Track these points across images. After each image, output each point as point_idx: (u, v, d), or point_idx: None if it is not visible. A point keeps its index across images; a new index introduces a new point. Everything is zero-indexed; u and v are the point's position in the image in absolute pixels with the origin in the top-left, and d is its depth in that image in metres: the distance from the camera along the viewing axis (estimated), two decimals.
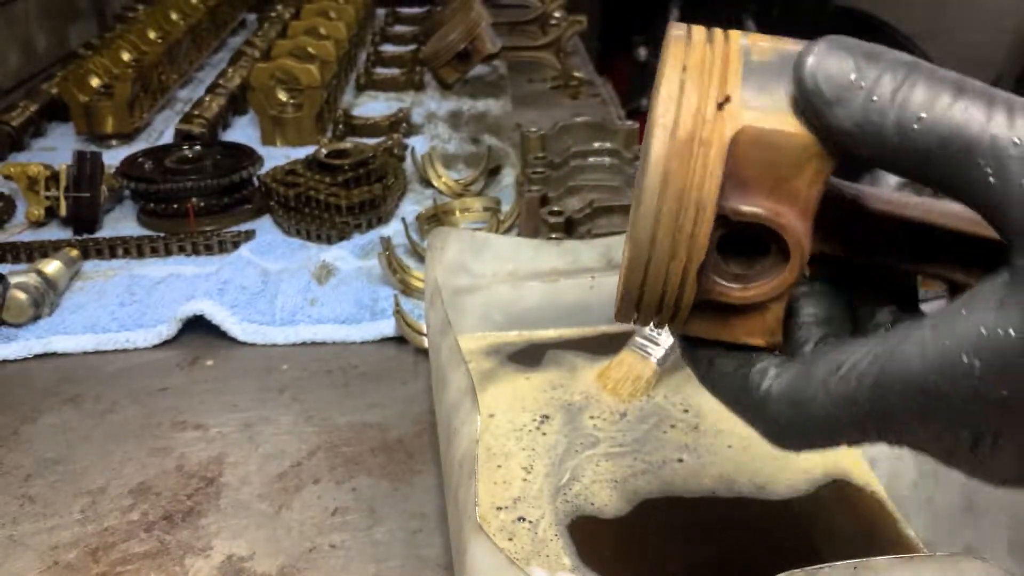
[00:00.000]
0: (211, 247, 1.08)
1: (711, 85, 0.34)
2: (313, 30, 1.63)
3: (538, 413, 0.72)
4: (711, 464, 0.67)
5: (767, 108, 0.33)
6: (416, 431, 0.78)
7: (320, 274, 1.00)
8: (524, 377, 0.76)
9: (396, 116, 1.46)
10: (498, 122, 1.46)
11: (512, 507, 0.62)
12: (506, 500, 0.63)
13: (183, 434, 0.79)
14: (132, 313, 0.94)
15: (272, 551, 0.66)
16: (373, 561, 0.65)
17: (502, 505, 0.63)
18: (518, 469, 0.66)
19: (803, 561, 0.56)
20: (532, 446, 0.68)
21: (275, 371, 0.88)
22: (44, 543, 0.67)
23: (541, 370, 0.77)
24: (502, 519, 0.61)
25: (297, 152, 1.34)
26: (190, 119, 1.40)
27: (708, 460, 0.67)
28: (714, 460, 0.67)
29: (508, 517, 0.62)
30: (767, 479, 0.65)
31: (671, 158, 0.33)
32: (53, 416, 0.81)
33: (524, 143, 1.10)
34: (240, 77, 1.57)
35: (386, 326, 0.92)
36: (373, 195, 1.11)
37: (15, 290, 0.91)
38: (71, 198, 1.13)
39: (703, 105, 0.33)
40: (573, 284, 0.81)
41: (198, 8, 1.83)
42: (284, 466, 0.75)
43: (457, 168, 1.30)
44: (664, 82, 0.34)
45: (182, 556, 0.65)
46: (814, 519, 0.62)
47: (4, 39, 1.69)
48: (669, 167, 0.33)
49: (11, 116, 1.42)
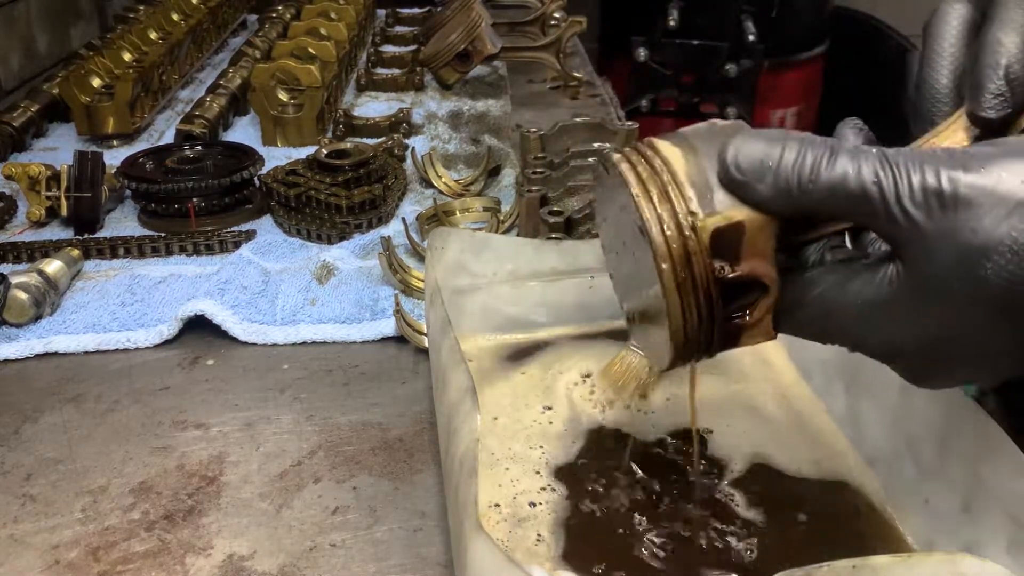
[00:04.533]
0: (212, 247, 1.09)
1: (676, 202, 0.48)
2: (314, 31, 1.63)
3: (539, 407, 0.72)
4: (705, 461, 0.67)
5: (721, 207, 0.48)
6: (416, 430, 0.78)
7: (321, 274, 1.00)
8: (524, 376, 0.76)
9: (396, 116, 1.46)
10: (498, 122, 1.46)
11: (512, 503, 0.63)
12: (506, 499, 0.63)
13: (184, 433, 0.79)
14: (133, 313, 0.95)
15: (273, 550, 0.66)
16: (374, 560, 0.65)
17: (502, 504, 0.63)
18: (523, 466, 0.66)
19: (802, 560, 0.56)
20: (539, 443, 0.68)
21: (276, 371, 0.88)
22: (45, 542, 0.67)
23: (541, 369, 0.77)
24: (504, 513, 0.62)
25: (298, 152, 1.35)
26: (191, 119, 1.40)
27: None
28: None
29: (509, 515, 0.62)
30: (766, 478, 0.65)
31: (679, 269, 0.48)
32: (54, 415, 0.82)
33: (524, 143, 1.11)
34: (241, 77, 1.57)
35: (386, 326, 0.92)
36: (373, 195, 1.11)
37: (16, 290, 0.92)
38: (72, 198, 1.13)
39: (682, 223, 0.48)
40: (573, 284, 0.81)
41: (199, 9, 1.83)
42: (285, 465, 0.75)
43: (457, 168, 1.30)
44: (644, 209, 0.49)
45: (183, 555, 0.65)
46: (813, 518, 0.62)
47: (5, 39, 1.69)
48: (679, 276, 0.48)
49: (12, 116, 1.43)
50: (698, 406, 0.64)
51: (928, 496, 0.59)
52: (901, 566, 0.42)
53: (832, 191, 0.44)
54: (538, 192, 0.98)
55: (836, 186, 0.44)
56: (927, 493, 0.59)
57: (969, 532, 0.55)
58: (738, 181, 0.47)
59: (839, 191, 0.44)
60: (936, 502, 0.58)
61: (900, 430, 0.62)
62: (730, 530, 0.61)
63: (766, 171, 0.46)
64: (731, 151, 0.47)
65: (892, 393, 0.63)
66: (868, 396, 0.66)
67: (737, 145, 0.47)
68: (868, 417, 0.67)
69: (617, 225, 0.55)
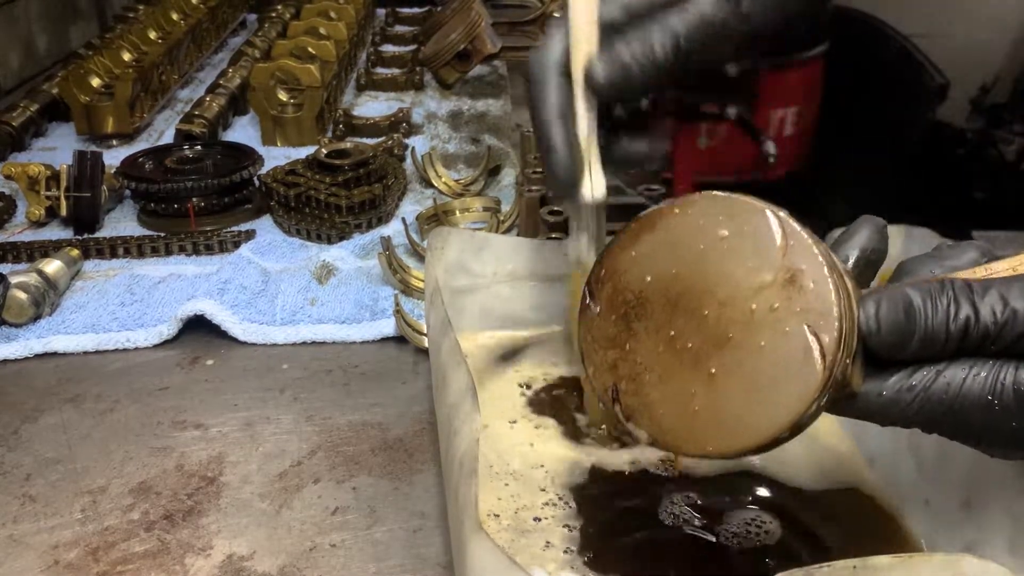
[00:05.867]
0: (211, 247, 1.09)
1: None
2: (313, 30, 1.63)
3: (536, 411, 0.72)
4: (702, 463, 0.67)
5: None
6: (416, 431, 0.78)
7: (320, 274, 1.00)
8: (523, 375, 0.76)
9: (396, 116, 1.46)
10: (498, 122, 1.46)
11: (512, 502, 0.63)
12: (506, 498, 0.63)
13: (184, 433, 0.79)
14: (132, 313, 0.94)
15: (272, 550, 0.66)
16: (373, 560, 0.65)
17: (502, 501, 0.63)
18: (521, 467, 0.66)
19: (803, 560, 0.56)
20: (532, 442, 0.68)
21: (275, 371, 0.88)
22: (45, 542, 0.67)
23: (541, 369, 0.77)
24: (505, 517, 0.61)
25: (297, 152, 1.34)
26: (190, 119, 1.40)
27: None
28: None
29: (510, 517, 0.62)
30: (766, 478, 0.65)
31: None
32: (54, 416, 0.81)
33: (524, 143, 1.10)
34: (240, 77, 1.57)
35: (386, 326, 0.92)
36: (373, 195, 1.11)
37: (16, 290, 0.92)
38: (72, 198, 1.13)
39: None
40: None
41: (198, 8, 1.83)
42: (284, 465, 0.75)
43: (457, 168, 1.30)
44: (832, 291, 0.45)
45: (182, 555, 0.65)
46: (814, 518, 0.62)
47: (5, 39, 1.69)
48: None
49: (12, 116, 1.43)
50: None
51: (928, 496, 0.59)
52: (902, 567, 0.42)
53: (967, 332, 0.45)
54: (538, 192, 0.97)
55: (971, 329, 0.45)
56: (927, 493, 0.59)
57: (969, 532, 0.55)
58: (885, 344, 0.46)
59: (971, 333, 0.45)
60: (936, 502, 0.58)
61: (900, 430, 0.62)
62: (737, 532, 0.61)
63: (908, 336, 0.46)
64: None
65: None
66: None
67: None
68: None
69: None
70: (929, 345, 0.45)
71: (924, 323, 0.45)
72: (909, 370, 0.46)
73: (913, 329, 0.45)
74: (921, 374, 0.46)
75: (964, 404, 0.45)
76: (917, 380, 0.46)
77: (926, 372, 0.46)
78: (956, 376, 0.45)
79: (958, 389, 0.45)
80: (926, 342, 0.45)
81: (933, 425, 0.47)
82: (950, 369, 0.46)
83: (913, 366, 0.46)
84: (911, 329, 0.45)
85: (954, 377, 0.46)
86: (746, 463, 0.66)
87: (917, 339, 0.45)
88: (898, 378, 0.46)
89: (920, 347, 0.45)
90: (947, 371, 0.46)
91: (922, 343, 0.45)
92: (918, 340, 0.45)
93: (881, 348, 0.46)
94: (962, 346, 0.45)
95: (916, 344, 0.45)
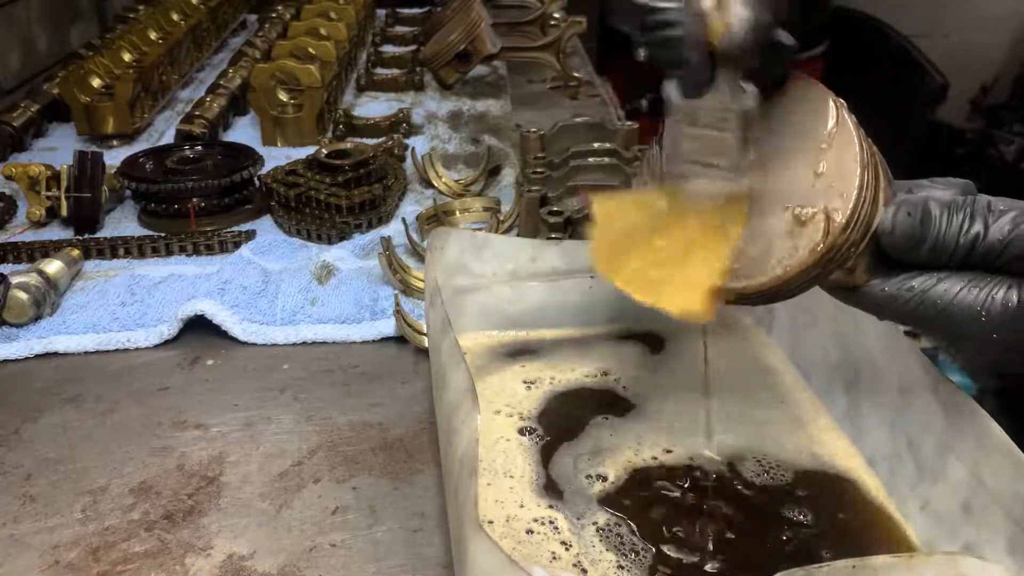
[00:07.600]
0: (212, 247, 1.09)
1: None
2: (313, 31, 1.63)
3: (535, 411, 0.72)
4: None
5: None
6: (416, 430, 0.78)
7: (320, 274, 1.00)
8: (523, 375, 0.76)
9: (396, 116, 1.46)
10: (498, 122, 1.46)
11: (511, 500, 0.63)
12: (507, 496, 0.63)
13: (184, 433, 0.79)
14: (133, 313, 0.95)
15: (273, 550, 0.66)
16: (373, 560, 0.65)
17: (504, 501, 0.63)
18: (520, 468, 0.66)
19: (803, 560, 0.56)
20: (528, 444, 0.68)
21: (276, 371, 0.88)
22: (45, 542, 0.67)
23: (540, 369, 0.77)
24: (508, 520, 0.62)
25: (297, 152, 1.35)
26: (191, 119, 1.40)
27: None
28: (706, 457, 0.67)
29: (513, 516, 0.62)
30: (766, 479, 0.65)
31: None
32: (54, 416, 0.82)
33: (524, 143, 1.11)
34: (241, 77, 1.57)
35: (386, 326, 0.92)
36: (373, 195, 1.11)
37: (16, 290, 0.92)
38: (72, 198, 1.13)
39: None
40: (573, 284, 0.81)
41: (199, 9, 1.83)
42: (285, 465, 0.75)
43: (457, 168, 1.30)
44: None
45: (183, 555, 0.65)
46: (814, 518, 0.62)
47: (5, 39, 1.69)
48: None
49: (12, 116, 1.43)
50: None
51: (928, 496, 0.59)
52: (901, 566, 0.42)
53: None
54: (538, 192, 0.98)
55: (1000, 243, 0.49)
56: (927, 493, 0.59)
57: (969, 532, 0.55)
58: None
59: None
60: (936, 502, 0.58)
61: (900, 430, 0.62)
62: (739, 532, 0.61)
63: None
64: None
65: (892, 393, 0.63)
66: (868, 396, 0.66)
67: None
68: (868, 417, 0.67)
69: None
70: (938, 254, 0.50)
71: (936, 233, 0.50)
72: (914, 273, 0.51)
73: (925, 237, 0.50)
74: (923, 278, 0.51)
75: (955, 311, 0.50)
76: (918, 283, 0.51)
77: (928, 277, 0.51)
78: (954, 285, 0.50)
79: (952, 297, 0.50)
80: (935, 251, 0.50)
81: (922, 324, 0.52)
82: (951, 278, 0.50)
83: (919, 270, 0.51)
84: (923, 236, 0.50)
85: (952, 286, 0.50)
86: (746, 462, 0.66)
87: (927, 247, 0.50)
88: (902, 278, 0.51)
89: (929, 255, 0.50)
90: (947, 279, 0.50)
91: (931, 251, 0.50)
92: (928, 248, 0.50)
93: (893, 249, 0.51)
94: (968, 260, 0.50)
95: (926, 251, 0.50)
